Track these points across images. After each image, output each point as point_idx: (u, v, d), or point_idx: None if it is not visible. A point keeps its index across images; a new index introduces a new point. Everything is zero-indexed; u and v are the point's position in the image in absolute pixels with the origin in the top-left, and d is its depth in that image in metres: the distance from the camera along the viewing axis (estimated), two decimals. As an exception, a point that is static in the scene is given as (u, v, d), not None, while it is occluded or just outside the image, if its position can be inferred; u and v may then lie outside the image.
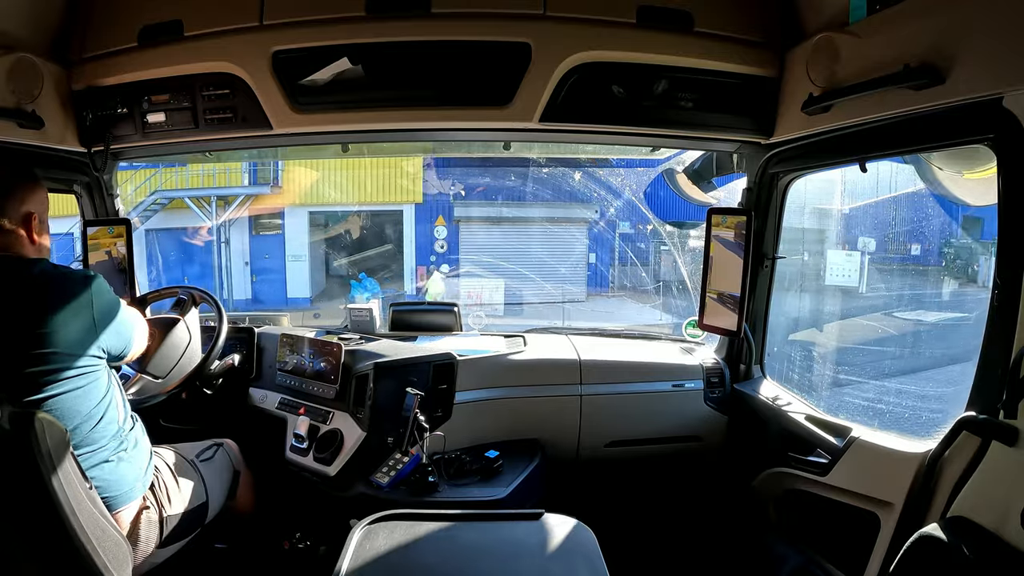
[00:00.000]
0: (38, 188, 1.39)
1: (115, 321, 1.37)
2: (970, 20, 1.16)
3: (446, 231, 11.41)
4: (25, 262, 1.33)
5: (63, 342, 1.27)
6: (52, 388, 1.25)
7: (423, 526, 1.31)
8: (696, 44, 1.67)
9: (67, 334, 1.28)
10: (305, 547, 1.90)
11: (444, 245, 11.31)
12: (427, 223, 11.44)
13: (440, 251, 11.30)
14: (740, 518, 2.05)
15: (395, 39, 1.66)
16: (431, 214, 11.46)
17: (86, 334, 1.31)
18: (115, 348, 1.40)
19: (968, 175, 1.63)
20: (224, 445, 1.81)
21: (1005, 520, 1.05)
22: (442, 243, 11.33)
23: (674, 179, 2.56)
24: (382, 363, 1.90)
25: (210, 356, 1.87)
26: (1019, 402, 1.07)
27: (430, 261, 11.16)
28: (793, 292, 4.13)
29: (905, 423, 2.82)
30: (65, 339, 1.27)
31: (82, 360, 1.30)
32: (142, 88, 1.79)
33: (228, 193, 11.81)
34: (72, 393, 1.29)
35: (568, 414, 2.12)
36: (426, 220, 11.46)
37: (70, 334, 1.28)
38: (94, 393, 1.33)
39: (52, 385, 1.25)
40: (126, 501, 1.39)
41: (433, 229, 11.38)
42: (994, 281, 1.20)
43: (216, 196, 11.60)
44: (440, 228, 11.37)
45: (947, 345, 4.31)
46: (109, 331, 1.36)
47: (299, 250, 11.93)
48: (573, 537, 1.29)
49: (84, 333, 1.31)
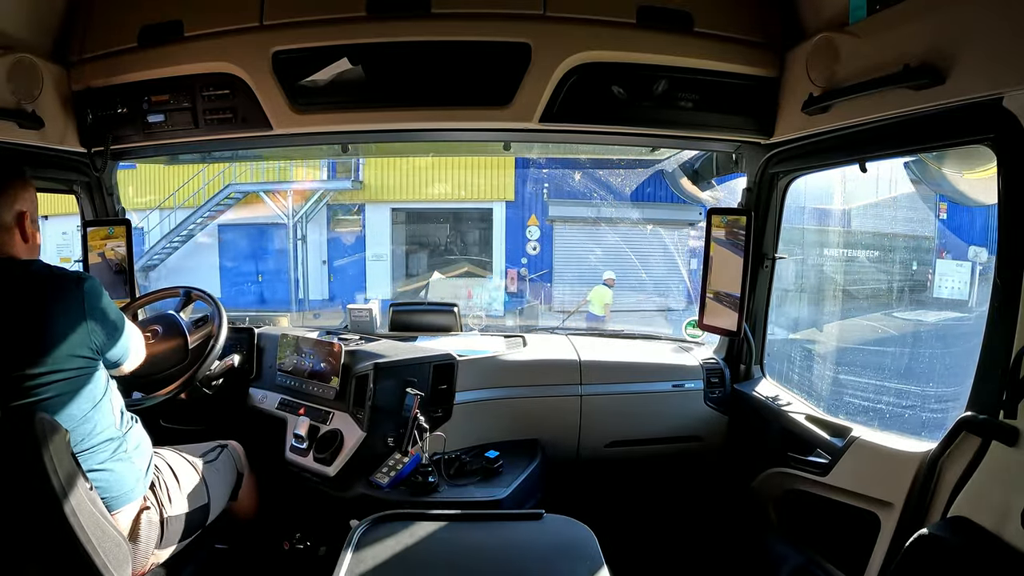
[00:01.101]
0: (28, 186, 1.38)
1: (108, 323, 1.36)
2: (970, 20, 1.16)
3: (539, 231, 10.46)
4: (17, 262, 1.32)
5: (56, 343, 1.27)
6: (46, 389, 1.25)
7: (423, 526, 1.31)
8: (696, 44, 1.67)
9: (60, 335, 1.27)
10: (305, 547, 1.90)
11: (536, 247, 10.41)
12: (518, 223, 10.54)
13: (532, 253, 10.41)
14: (740, 518, 2.05)
15: (395, 39, 1.66)
16: (523, 213, 10.54)
17: (79, 335, 1.30)
18: (109, 351, 1.39)
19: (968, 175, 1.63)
20: (228, 447, 1.81)
21: (1005, 520, 1.05)
22: (534, 244, 10.42)
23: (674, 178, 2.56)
24: (382, 363, 1.90)
25: (209, 357, 1.87)
26: (1019, 402, 1.07)
27: (521, 263, 10.33)
28: (905, 304, 3.87)
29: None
30: (58, 340, 1.27)
31: (76, 361, 1.29)
32: (142, 88, 1.79)
33: (305, 188, 11.12)
34: (67, 394, 1.28)
35: (568, 414, 2.12)
36: (517, 219, 10.55)
37: (63, 335, 1.28)
38: (89, 394, 1.33)
39: (46, 387, 1.25)
40: (126, 501, 1.39)
41: (525, 229, 10.47)
42: (994, 281, 1.20)
43: (293, 191, 10.96)
44: (532, 228, 10.46)
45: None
46: (103, 333, 1.35)
47: (380, 248, 11.14)
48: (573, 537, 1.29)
49: (77, 334, 1.30)
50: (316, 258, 11.24)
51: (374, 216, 11.08)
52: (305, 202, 11.01)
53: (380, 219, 11.09)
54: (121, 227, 2.14)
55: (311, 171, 10.71)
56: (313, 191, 10.94)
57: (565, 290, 9.98)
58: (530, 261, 10.48)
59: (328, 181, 10.88)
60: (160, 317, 1.93)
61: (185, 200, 11.18)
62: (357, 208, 11.15)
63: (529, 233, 10.46)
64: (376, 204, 11.04)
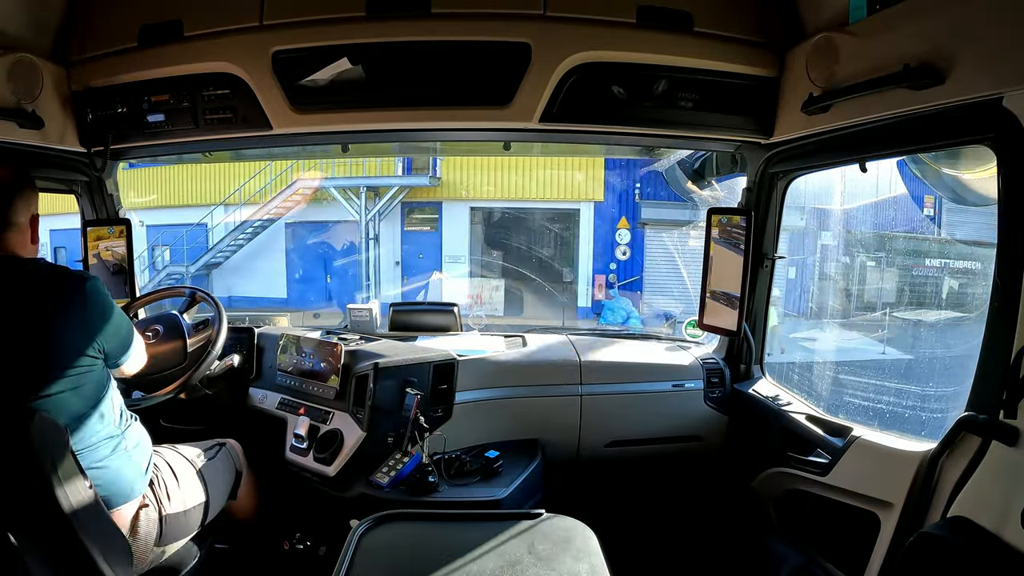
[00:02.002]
0: (35, 189, 1.42)
1: (110, 323, 1.37)
2: (970, 20, 1.16)
3: (629, 235, 9.51)
4: (22, 261, 1.34)
5: (58, 342, 1.28)
6: (47, 388, 1.25)
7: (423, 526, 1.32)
8: (696, 44, 1.67)
9: (62, 334, 1.28)
10: (305, 547, 1.90)
11: (627, 251, 9.55)
12: (608, 225, 9.58)
13: (622, 258, 9.54)
14: (740, 518, 2.05)
15: (395, 39, 1.66)
16: (612, 215, 9.65)
17: (81, 334, 1.31)
18: (111, 350, 1.40)
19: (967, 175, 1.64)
20: (227, 445, 1.81)
21: (1005, 520, 1.05)
22: (624, 249, 9.55)
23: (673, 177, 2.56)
24: (382, 363, 1.90)
25: (209, 357, 1.87)
26: (1019, 402, 1.07)
27: (610, 270, 9.49)
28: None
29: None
30: (60, 339, 1.28)
31: (77, 360, 1.30)
32: (142, 88, 1.79)
33: (379, 184, 10.19)
34: (68, 393, 1.29)
35: (568, 414, 2.11)
36: (606, 222, 9.61)
37: (65, 334, 1.29)
38: (90, 393, 1.33)
39: (47, 385, 1.26)
40: (125, 499, 1.39)
41: (615, 232, 9.48)
42: (994, 281, 1.20)
43: (366, 187, 10.08)
44: (623, 232, 9.49)
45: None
46: (104, 332, 1.35)
47: (458, 250, 10.25)
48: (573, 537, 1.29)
49: (79, 333, 1.31)
50: (389, 259, 10.53)
51: (451, 215, 10.31)
52: (377, 198, 10.19)
53: (458, 218, 10.31)
54: (121, 227, 2.14)
55: (385, 166, 9.94)
56: (387, 188, 10.19)
57: (654, 299, 9.23)
58: (619, 267, 9.62)
59: (404, 177, 10.11)
60: (161, 317, 1.93)
61: (250, 196, 10.61)
62: (434, 207, 10.40)
63: (619, 236, 9.53)
64: (454, 202, 10.24)
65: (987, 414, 1.15)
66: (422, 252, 10.31)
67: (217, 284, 10.76)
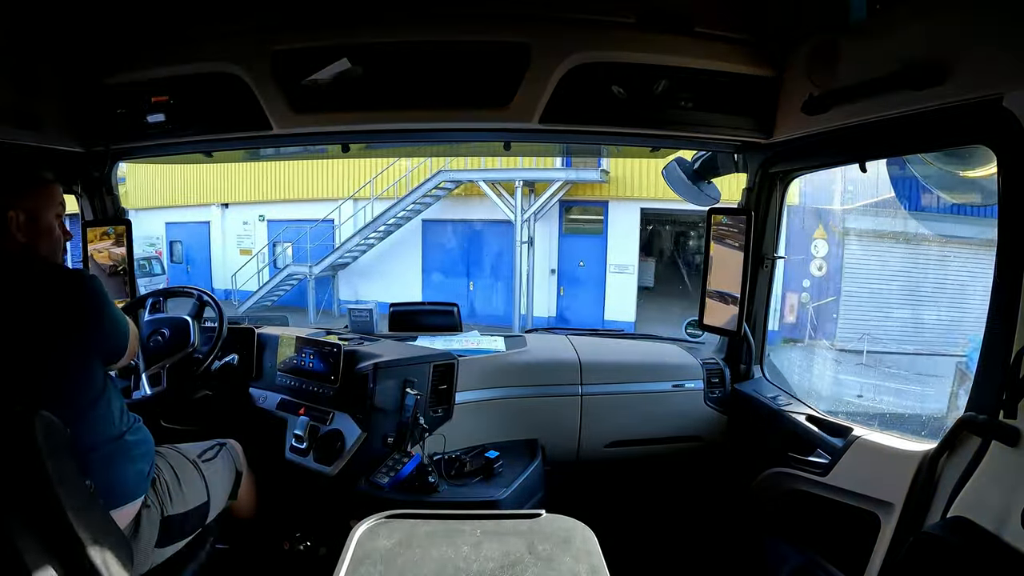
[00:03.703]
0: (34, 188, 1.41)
1: (109, 322, 1.37)
2: (970, 20, 1.16)
3: (827, 247, 7.79)
4: (19, 259, 1.34)
5: (57, 341, 1.28)
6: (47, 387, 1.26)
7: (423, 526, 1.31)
8: (696, 44, 1.67)
9: (61, 333, 1.28)
10: (305, 548, 1.90)
11: (822, 266, 7.79)
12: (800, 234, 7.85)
13: (818, 274, 7.80)
14: (740, 518, 2.05)
15: (395, 39, 1.66)
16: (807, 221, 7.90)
17: (80, 333, 1.31)
18: (109, 350, 1.40)
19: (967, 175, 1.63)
20: (227, 445, 1.81)
21: (1005, 520, 1.05)
22: (820, 263, 7.78)
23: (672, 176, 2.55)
24: (382, 363, 1.90)
25: (209, 357, 1.87)
26: (1019, 402, 1.07)
27: (803, 287, 7.90)
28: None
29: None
30: (59, 338, 1.28)
31: (76, 360, 1.30)
32: (142, 88, 1.79)
33: (538, 178, 8.71)
34: (68, 392, 1.29)
35: (568, 414, 2.12)
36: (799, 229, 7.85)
37: (64, 333, 1.29)
38: (89, 393, 1.33)
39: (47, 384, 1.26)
40: (126, 500, 1.39)
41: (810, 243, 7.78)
42: (994, 281, 1.20)
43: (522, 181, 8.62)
44: (819, 242, 7.76)
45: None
46: (103, 331, 1.36)
47: (626, 258, 8.82)
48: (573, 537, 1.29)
49: (78, 332, 1.31)
50: (544, 266, 8.99)
51: (618, 216, 8.79)
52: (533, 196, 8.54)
53: (626, 221, 8.75)
54: (121, 227, 2.14)
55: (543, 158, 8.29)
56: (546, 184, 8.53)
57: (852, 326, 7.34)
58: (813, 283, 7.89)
59: (567, 169, 8.43)
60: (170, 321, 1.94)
61: (384, 190, 9.40)
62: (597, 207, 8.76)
63: (815, 248, 7.74)
64: (621, 201, 8.67)
65: (987, 414, 1.15)
66: (583, 259, 9.01)
67: (343, 288, 9.73)
